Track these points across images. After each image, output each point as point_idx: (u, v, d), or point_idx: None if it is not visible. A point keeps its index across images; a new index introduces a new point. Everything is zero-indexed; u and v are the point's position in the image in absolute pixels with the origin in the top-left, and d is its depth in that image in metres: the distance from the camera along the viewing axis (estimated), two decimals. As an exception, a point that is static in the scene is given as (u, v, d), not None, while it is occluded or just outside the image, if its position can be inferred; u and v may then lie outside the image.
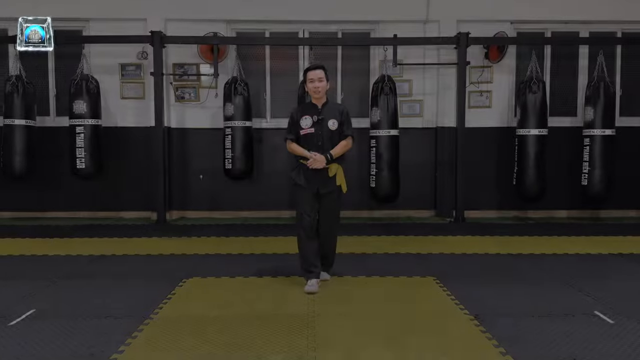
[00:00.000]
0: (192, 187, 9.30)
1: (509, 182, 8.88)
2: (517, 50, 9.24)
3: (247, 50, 9.22)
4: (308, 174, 4.95)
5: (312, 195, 4.98)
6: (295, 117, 5.04)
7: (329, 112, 4.98)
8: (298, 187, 5.04)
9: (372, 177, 8.62)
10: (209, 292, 4.96)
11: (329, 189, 4.98)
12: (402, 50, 8.88)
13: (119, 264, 6.05)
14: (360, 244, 6.95)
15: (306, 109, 5.06)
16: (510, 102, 9.25)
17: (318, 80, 4.92)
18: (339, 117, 4.98)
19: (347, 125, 5.02)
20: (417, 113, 9.23)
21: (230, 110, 8.59)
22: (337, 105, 5.32)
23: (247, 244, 7.07)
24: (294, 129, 5.02)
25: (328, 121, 4.94)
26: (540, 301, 4.67)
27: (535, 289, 5.03)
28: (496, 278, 5.43)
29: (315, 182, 4.96)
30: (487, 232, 7.89)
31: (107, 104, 9.06)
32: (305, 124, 4.95)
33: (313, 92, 4.96)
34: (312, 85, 4.94)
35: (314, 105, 5.02)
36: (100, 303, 4.61)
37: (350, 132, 5.03)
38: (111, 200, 9.24)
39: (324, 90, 4.97)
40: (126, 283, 5.26)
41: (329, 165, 4.92)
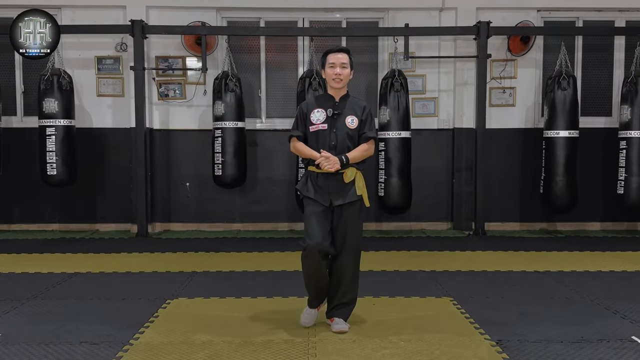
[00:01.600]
0: (178, 196, 9.33)
1: (535, 191, 8.91)
2: (545, 41, 9.28)
3: (239, 41, 9.26)
4: (318, 181, 4.49)
5: (324, 211, 4.48)
6: (304, 109, 4.62)
7: (347, 107, 4.54)
8: (306, 200, 4.56)
9: (380, 185, 8.64)
10: (196, 315, 4.96)
11: (346, 199, 4.46)
12: (414, 41, 8.93)
13: (95, 283, 6.06)
14: (366, 261, 6.91)
15: (320, 101, 4.64)
16: (537, 100, 9.29)
17: (341, 66, 4.48)
18: (360, 115, 4.54)
19: (369, 126, 4.56)
20: (431, 112, 9.26)
21: (220, 109, 8.62)
22: (358, 100, 4.71)
23: (240, 261, 7.08)
24: (302, 124, 4.60)
25: (346, 117, 4.50)
26: (571, 325, 4.67)
27: (565, 311, 5.03)
28: (521, 299, 5.43)
29: (327, 191, 4.47)
30: (511, 246, 7.90)
31: (82, 102, 9.10)
32: (316, 118, 4.52)
33: (333, 80, 4.50)
34: (332, 71, 4.49)
35: (330, 97, 4.59)
36: (73, 327, 4.62)
37: (373, 135, 4.56)
38: (86, 211, 9.27)
39: (346, 80, 4.53)
40: (103, 304, 5.27)
41: (344, 170, 4.44)
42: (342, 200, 4.46)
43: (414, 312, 5.03)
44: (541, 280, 6.13)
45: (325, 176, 4.46)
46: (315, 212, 4.47)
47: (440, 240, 8.49)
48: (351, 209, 4.50)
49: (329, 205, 4.47)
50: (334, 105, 4.54)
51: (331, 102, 4.56)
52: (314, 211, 4.48)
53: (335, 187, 4.46)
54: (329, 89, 4.63)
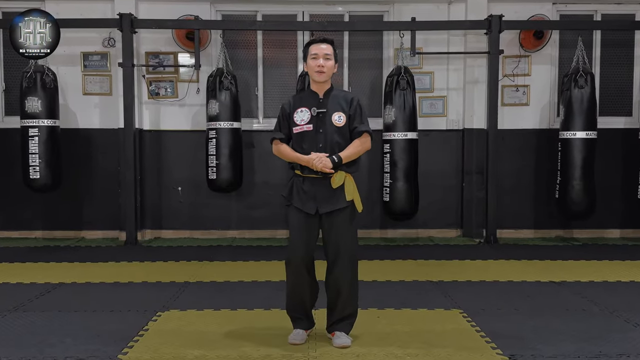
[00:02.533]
0: (169, 201, 9.34)
1: (551, 196, 8.92)
2: (560, 36, 9.30)
3: (235, 36, 9.28)
4: (304, 187, 4.46)
5: (310, 219, 4.46)
6: (287, 109, 4.54)
7: (333, 103, 4.47)
8: (290, 207, 4.54)
9: (385, 189, 8.63)
10: (188, 328, 4.97)
11: (335, 206, 4.42)
12: (421, 36, 8.95)
13: (81, 294, 6.07)
14: (370, 270, 6.96)
15: (302, 99, 4.57)
16: (552, 99, 9.30)
17: (324, 57, 4.41)
18: (347, 109, 4.45)
19: (359, 119, 4.47)
20: (439, 112, 9.28)
21: (214, 108, 8.63)
22: (344, 93, 4.66)
23: (235, 270, 7.09)
24: (285, 125, 4.54)
25: (332, 115, 4.42)
26: (589, 338, 4.68)
27: (582, 324, 5.04)
28: (535, 311, 5.44)
29: (313, 198, 4.43)
30: (524, 255, 7.91)
31: (67, 101, 9.13)
32: (300, 119, 4.45)
33: (316, 73, 4.42)
34: (314, 62, 4.41)
35: (314, 94, 4.51)
36: (57, 341, 4.62)
37: (366, 128, 4.46)
38: (71, 217, 9.29)
39: (330, 72, 4.45)
40: (89, 317, 5.28)
41: (332, 175, 4.38)
42: (329, 207, 4.42)
43: (421, 325, 5.04)
44: (557, 291, 6.14)
45: (312, 181, 4.43)
46: (299, 221, 4.47)
47: (449, 248, 8.51)
48: (341, 216, 4.45)
49: (315, 213, 4.44)
50: (318, 102, 4.48)
51: (315, 100, 4.50)
52: (297, 221, 4.47)
53: (322, 193, 4.43)
54: (311, 85, 4.58)
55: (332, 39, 4.56)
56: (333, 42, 4.54)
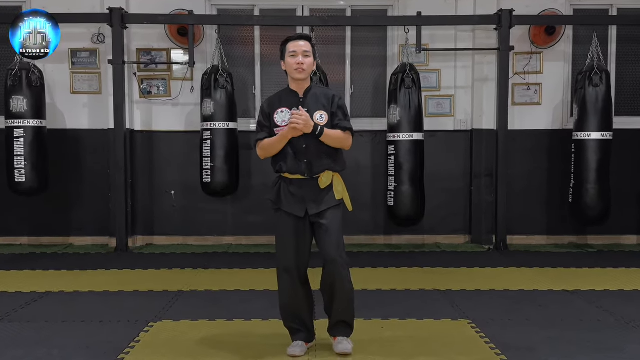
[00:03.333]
0: (161, 205, 9.36)
1: (564, 200, 8.92)
2: (574, 32, 9.30)
3: (231, 31, 9.31)
4: (291, 188, 4.52)
5: (299, 222, 4.52)
6: (266, 109, 4.64)
7: (314, 102, 4.56)
8: (278, 212, 4.59)
9: (389, 193, 8.64)
10: (182, 339, 4.98)
11: (324, 206, 4.50)
12: (428, 32, 8.96)
13: (69, 304, 6.08)
14: (374, 278, 6.98)
15: (282, 99, 4.64)
16: (566, 98, 9.31)
17: (303, 54, 4.50)
18: (329, 107, 4.56)
19: (341, 116, 4.58)
20: (447, 112, 9.30)
21: (209, 108, 8.65)
22: (324, 90, 4.78)
23: (232, 278, 7.10)
24: (267, 125, 4.61)
25: (314, 114, 4.50)
26: (604, 350, 4.68)
27: (597, 335, 5.04)
28: (547, 321, 5.45)
29: (301, 199, 4.50)
30: (536, 262, 7.92)
31: (54, 100, 9.15)
32: (281, 120, 4.54)
33: (295, 71, 4.50)
34: (293, 60, 4.50)
35: (293, 93, 4.61)
36: (44, 354, 4.63)
37: (348, 125, 4.57)
38: (58, 222, 9.30)
39: (309, 70, 4.55)
40: (78, 328, 5.29)
41: (319, 175, 4.50)
42: (317, 207, 4.49)
43: (428, 336, 5.05)
44: (570, 301, 6.15)
45: (299, 183, 4.51)
46: (289, 226, 4.52)
47: (457, 255, 8.52)
48: (331, 216, 4.52)
49: (304, 216, 4.50)
50: (298, 102, 4.56)
51: (295, 99, 4.59)
52: (287, 225, 4.53)
53: (310, 194, 4.50)
54: (290, 83, 4.64)
55: (309, 35, 4.72)
56: (311, 38, 4.68)
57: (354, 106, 9.31)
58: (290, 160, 4.50)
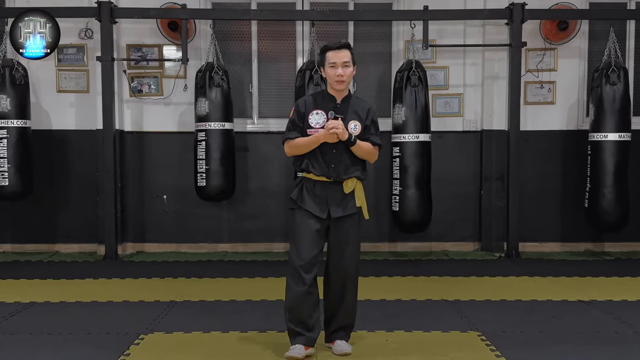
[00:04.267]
0: (153, 211, 9.37)
1: (579, 205, 8.92)
2: (590, 27, 9.31)
3: (226, 26, 9.32)
4: (315, 190, 4.74)
5: (319, 224, 4.74)
6: (302, 109, 4.82)
7: (350, 110, 4.78)
8: (298, 211, 4.78)
9: (394, 197, 8.64)
10: (175, 353, 4.98)
11: (346, 211, 4.76)
12: (435, 26, 8.96)
13: (55, 315, 6.08)
14: (378, 288, 6.98)
15: (319, 101, 4.85)
16: (581, 97, 9.33)
17: (343, 65, 4.71)
18: (364, 119, 4.80)
19: (373, 131, 4.85)
20: (455, 111, 9.31)
21: (203, 107, 8.65)
22: (361, 102, 5.00)
23: (227, 288, 7.11)
24: (300, 124, 4.79)
25: (348, 123, 4.72)
26: (622, 365, 4.70)
27: (614, 349, 5.04)
28: (562, 334, 5.45)
29: (325, 201, 4.72)
30: (550, 271, 7.91)
31: (39, 99, 9.17)
32: (315, 121, 4.74)
33: (336, 83, 4.72)
34: (333, 72, 4.70)
35: (331, 97, 4.81)
36: (29, 367, 4.65)
37: (378, 142, 4.85)
38: (44, 228, 9.30)
39: (349, 80, 4.79)
40: (64, 341, 5.28)
41: (345, 180, 4.73)
42: (341, 211, 4.75)
43: (435, 350, 5.04)
44: (586, 312, 6.15)
45: (323, 185, 4.74)
46: (308, 226, 4.73)
47: (466, 263, 8.52)
48: (350, 222, 4.81)
49: (325, 218, 4.73)
50: (335, 107, 4.78)
51: (332, 104, 4.80)
52: (307, 225, 4.74)
53: (334, 197, 4.75)
54: (329, 88, 4.84)
55: (349, 43, 4.86)
56: (351, 46, 4.85)
57: (357, 105, 9.29)
58: (318, 162, 4.74)
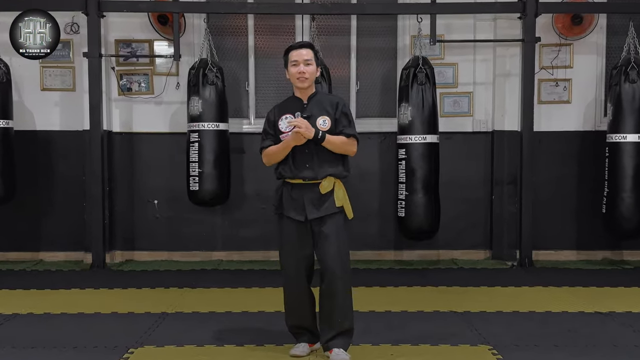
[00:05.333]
0: (143, 217, 9.37)
1: (597, 210, 8.92)
2: (608, 21, 9.32)
3: (221, 20, 9.34)
4: (292, 193, 5.01)
5: (301, 227, 5.02)
6: (271, 117, 5.18)
7: (318, 107, 5.07)
8: (280, 217, 5.12)
9: (400, 203, 8.63)
10: (167, 367, 5.00)
11: (324, 212, 4.98)
12: (443, 21, 8.98)
13: (39, 328, 6.08)
14: (383, 298, 7.00)
15: (286, 106, 5.18)
16: (599, 96, 9.33)
17: (304, 62, 5.01)
18: (333, 112, 5.06)
19: (345, 122, 5.08)
20: (464, 111, 9.33)
21: (197, 107, 8.65)
22: (329, 97, 5.45)
23: (222, 298, 7.12)
24: (272, 133, 5.13)
25: (317, 119, 4.99)
26: (642, 381, 4.71)
27: (634, 364, 5.07)
28: (578, 347, 5.46)
29: (301, 204, 4.98)
30: (565, 281, 7.92)
31: (22, 98, 9.18)
32: (285, 126, 5.05)
33: (297, 80, 5.03)
34: (295, 70, 5.02)
35: (297, 100, 5.13)
36: (12, 382, 4.66)
37: (352, 132, 5.07)
38: (27, 236, 9.30)
39: (312, 78, 5.07)
40: (49, 355, 5.29)
41: (321, 180, 4.96)
42: (318, 213, 4.98)
43: (443, 364, 5.07)
44: (604, 324, 6.16)
45: (300, 188, 5.00)
46: (290, 233, 5.06)
47: (476, 273, 8.53)
48: (331, 223, 5.01)
49: (304, 220, 4.98)
50: (302, 107, 5.09)
51: (299, 105, 5.12)
52: (289, 232, 5.07)
53: (310, 199, 4.99)
54: (295, 90, 5.18)
55: (311, 43, 5.24)
56: (313, 46, 5.19)
57: (360, 105, 9.37)
58: (292, 165, 5.01)
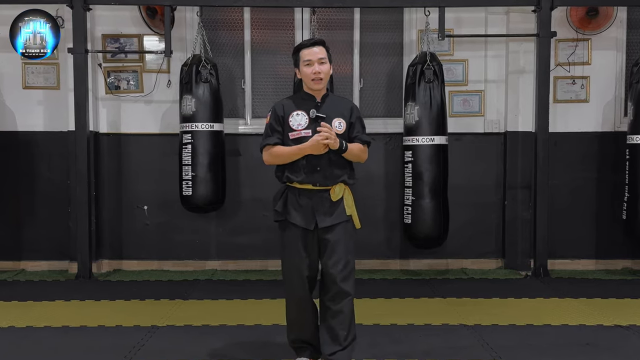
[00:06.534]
0: (132, 224, 9.39)
1: (616, 217, 8.95)
2: (629, 14, 9.34)
3: (215, 14, 9.36)
4: (300, 200, 4.92)
5: (307, 235, 4.92)
6: (279, 111, 5.01)
7: (332, 108, 5.00)
8: (284, 224, 4.99)
9: (406, 208, 8.63)
10: (157, 384, 5.01)
11: (334, 220, 4.92)
12: (452, 14, 9.00)
13: (20, 342, 6.09)
14: (388, 310, 7.01)
15: (298, 101, 5.06)
16: (619, 94, 9.35)
17: (319, 62, 4.92)
18: (348, 116, 5.02)
19: (359, 128, 5.07)
20: (475, 111, 9.34)
21: (189, 106, 8.65)
22: (341, 99, 5.36)
23: (216, 311, 7.12)
24: (279, 129, 4.98)
25: (332, 120, 4.91)
26: (664, 399, 4.72)
27: (656, 380, 5.08)
28: (596, 363, 5.48)
29: (311, 211, 4.90)
30: (583, 292, 7.93)
31: (3, 96, 9.21)
32: (297, 123, 4.94)
33: (313, 82, 4.93)
34: (309, 69, 4.92)
35: (310, 97, 5.03)
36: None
37: (367, 139, 5.09)
38: (8, 243, 9.31)
39: (327, 78, 4.98)
40: (32, 370, 5.32)
41: (332, 187, 4.92)
42: (329, 221, 4.91)
43: (452, 381, 5.09)
44: (624, 338, 6.16)
45: (309, 194, 4.91)
46: (294, 240, 4.94)
47: (488, 283, 8.54)
48: (340, 231, 4.95)
49: (313, 229, 4.89)
50: (316, 106, 4.99)
51: (312, 103, 5.01)
52: (294, 239, 4.94)
53: (320, 206, 4.92)
54: (305, 88, 5.08)
55: (323, 39, 5.07)
56: (324, 42, 5.04)
57: (364, 104, 9.36)
58: (302, 170, 4.90)
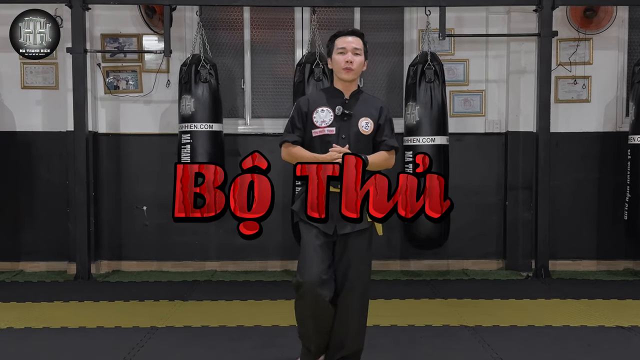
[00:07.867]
0: (132, 224, 9.40)
1: (618, 217, 8.96)
2: (630, 14, 9.35)
3: (215, 13, 9.37)
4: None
5: (325, 241, 4.71)
6: (304, 107, 4.83)
7: (361, 107, 4.82)
8: (303, 225, 4.77)
9: (407, 208, 8.62)
10: (157, 386, 5.02)
11: (355, 227, 4.66)
12: (453, 14, 9.01)
13: (19, 343, 6.10)
14: (388, 312, 7.00)
15: (325, 97, 4.88)
16: (620, 94, 9.36)
17: (353, 51, 4.73)
18: (377, 117, 4.84)
19: (388, 132, 4.91)
20: (476, 111, 9.35)
21: (189, 106, 8.65)
22: (372, 98, 5.09)
23: (216, 312, 7.13)
24: (300, 126, 4.83)
25: (359, 120, 4.76)
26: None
27: (657, 382, 5.08)
28: (598, 364, 5.49)
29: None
30: (584, 293, 7.94)
31: (1, 96, 9.22)
32: (321, 120, 4.75)
33: (343, 70, 4.75)
34: (342, 58, 4.73)
35: (338, 92, 4.85)
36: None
37: (395, 144, 4.92)
38: (6, 244, 9.31)
39: (358, 70, 4.80)
40: (31, 371, 5.33)
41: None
42: (349, 227, 4.66)
43: (453, 383, 5.09)
44: (626, 339, 6.17)
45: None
46: (314, 241, 4.69)
47: (489, 284, 8.55)
48: (359, 239, 4.76)
49: (332, 234, 4.69)
50: (343, 103, 4.78)
51: (340, 99, 4.81)
52: (313, 240, 4.69)
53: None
54: (335, 82, 4.85)
55: (361, 31, 4.87)
56: (363, 34, 4.87)
57: (364, 104, 9.32)
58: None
